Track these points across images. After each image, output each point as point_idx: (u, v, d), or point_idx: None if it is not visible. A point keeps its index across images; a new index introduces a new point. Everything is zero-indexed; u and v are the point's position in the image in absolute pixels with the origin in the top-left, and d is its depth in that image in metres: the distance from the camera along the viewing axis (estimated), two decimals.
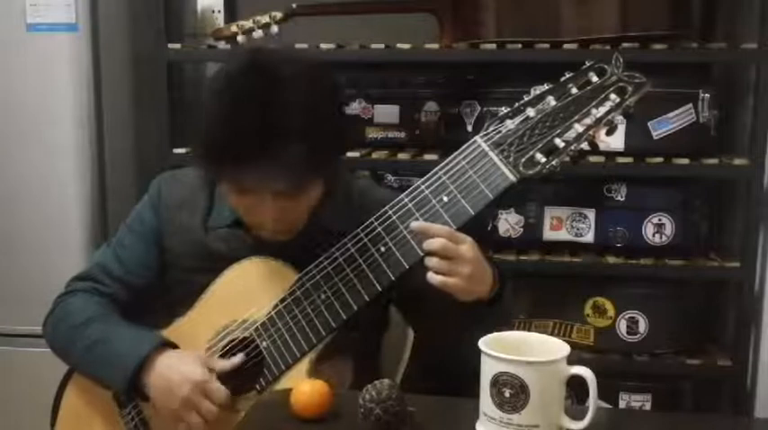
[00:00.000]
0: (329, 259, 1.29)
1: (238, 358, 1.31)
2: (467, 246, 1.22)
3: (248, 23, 2.00)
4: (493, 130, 1.23)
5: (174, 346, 1.35)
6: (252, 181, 1.21)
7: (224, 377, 1.31)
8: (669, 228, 2.03)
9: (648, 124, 1.98)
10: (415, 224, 1.23)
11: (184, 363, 1.30)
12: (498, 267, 1.31)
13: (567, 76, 1.23)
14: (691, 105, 1.98)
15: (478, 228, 1.78)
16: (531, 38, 2.00)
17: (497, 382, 1.01)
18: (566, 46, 1.99)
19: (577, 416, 1.03)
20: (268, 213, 1.26)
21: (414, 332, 1.56)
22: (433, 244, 1.21)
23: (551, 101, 1.22)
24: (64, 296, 1.47)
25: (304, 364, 1.29)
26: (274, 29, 2.00)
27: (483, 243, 1.28)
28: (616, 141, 1.96)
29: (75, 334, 1.39)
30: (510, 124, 1.22)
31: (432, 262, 1.21)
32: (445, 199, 1.23)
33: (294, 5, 2.03)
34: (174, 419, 1.30)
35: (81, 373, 1.44)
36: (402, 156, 2.11)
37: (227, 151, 1.20)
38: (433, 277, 1.21)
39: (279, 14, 2.00)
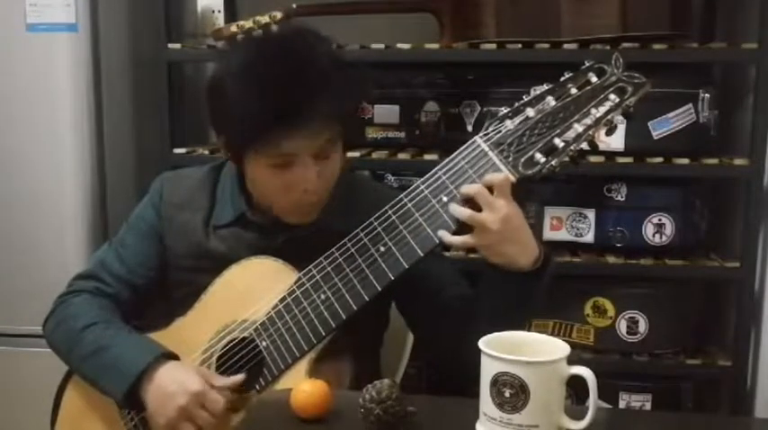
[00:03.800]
0: (329, 259, 1.29)
1: (240, 376, 1.31)
2: (503, 201, 1.20)
3: (248, 23, 2.00)
4: (492, 130, 1.23)
5: (175, 357, 1.34)
6: (298, 131, 1.24)
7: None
8: (669, 228, 2.03)
9: (648, 124, 1.98)
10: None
11: (183, 375, 1.29)
12: (548, 250, 1.28)
13: (567, 76, 1.23)
14: (691, 105, 1.98)
15: None
16: (531, 38, 2.00)
17: (497, 382, 1.01)
18: (566, 46, 1.99)
19: (577, 416, 1.03)
20: (306, 174, 1.27)
21: (415, 334, 1.55)
22: (471, 187, 1.20)
23: (551, 101, 1.22)
24: (66, 296, 1.47)
25: (304, 364, 1.29)
26: (274, 29, 2.00)
27: None
28: (616, 141, 1.96)
29: (75, 338, 1.39)
30: (509, 124, 1.22)
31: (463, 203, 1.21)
32: (444, 199, 1.23)
33: (294, 5, 2.03)
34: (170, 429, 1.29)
35: (80, 378, 1.43)
36: (402, 156, 2.11)
37: (269, 111, 1.22)
38: (456, 208, 1.20)
39: (279, 14, 2.00)
